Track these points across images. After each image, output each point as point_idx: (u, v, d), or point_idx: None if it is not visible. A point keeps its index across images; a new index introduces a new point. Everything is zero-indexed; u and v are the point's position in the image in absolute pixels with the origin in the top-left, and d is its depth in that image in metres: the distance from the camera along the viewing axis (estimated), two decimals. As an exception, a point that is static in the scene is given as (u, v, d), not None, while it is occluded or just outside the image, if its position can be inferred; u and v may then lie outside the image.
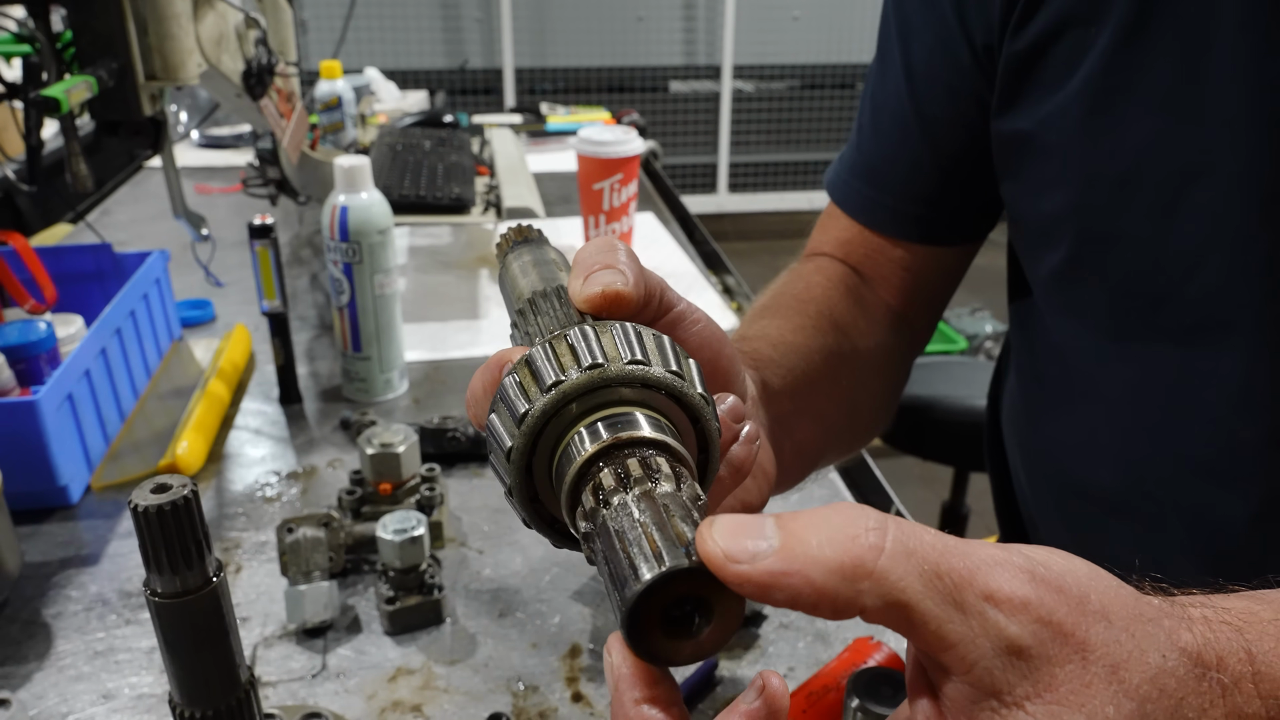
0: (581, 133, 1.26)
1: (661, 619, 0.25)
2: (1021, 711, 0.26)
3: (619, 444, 0.28)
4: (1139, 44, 0.50)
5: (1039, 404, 0.67)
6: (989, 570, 0.26)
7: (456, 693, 0.64)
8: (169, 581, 0.38)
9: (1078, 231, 0.55)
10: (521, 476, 0.30)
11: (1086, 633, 0.27)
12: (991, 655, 0.26)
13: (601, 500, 0.27)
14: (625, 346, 0.30)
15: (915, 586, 0.25)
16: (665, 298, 0.36)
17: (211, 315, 1.20)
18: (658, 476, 0.27)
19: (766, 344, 0.55)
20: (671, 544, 0.25)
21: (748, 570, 0.25)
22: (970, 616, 0.26)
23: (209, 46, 0.97)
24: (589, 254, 0.34)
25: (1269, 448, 0.52)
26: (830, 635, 0.68)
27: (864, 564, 0.25)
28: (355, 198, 0.92)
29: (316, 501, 0.84)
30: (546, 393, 0.29)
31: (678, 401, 0.30)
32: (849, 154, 0.70)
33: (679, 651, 0.26)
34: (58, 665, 0.66)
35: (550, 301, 0.36)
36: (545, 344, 0.30)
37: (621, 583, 0.25)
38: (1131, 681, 0.27)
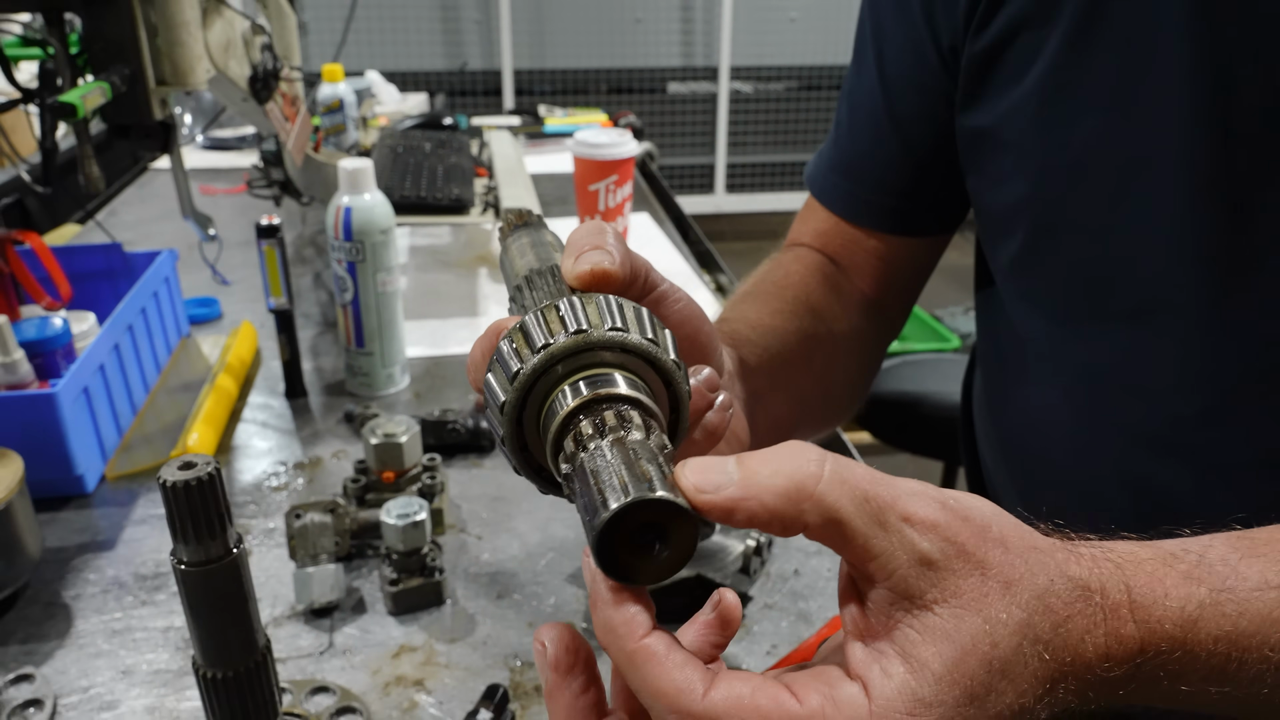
0: (578, 135, 1.30)
1: (627, 545, 0.29)
2: (930, 612, 0.31)
3: (598, 399, 0.32)
4: (1085, 46, 0.54)
5: (1000, 387, 0.71)
6: (908, 498, 0.31)
7: (456, 668, 0.67)
8: (194, 551, 0.41)
9: (1032, 221, 0.59)
10: (513, 427, 0.34)
11: (985, 554, 0.31)
12: (907, 565, 0.30)
13: (580, 445, 0.31)
14: (607, 315, 0.34)
15: (848, 507, 0.30)
16: (650, 278, 0.40)
17: (218, 313, 1.23)
18: (630, 426, 0.31)
19: (745, 325, 0.59)
20: (637, 480, 0.29)
21: (713, 499, 0.30)
22: (891, 533, 0.30)
23: (217, 52, 1.00)
24: (580, 236, 0.38)
25: (1206, 423, 0.56)
26: (812, 615, 0.72)
27: (805, 488, 0.30)
28: (359, 199, 0.96)
29: (322, 490, 0.87)
30: (536, 354, 0.33)
31: (652, 365, 0.34)
32: (827, 150, 0.74)
33: (642, 571, 0.30)
34: (78, 643, 0.69)
35: (545, 278, 0.40)
36: (537, 312, 0.34)
37: (593, 512, 0.29)
38: (1022, 597, 0.31)
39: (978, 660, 0.30)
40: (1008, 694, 0.31)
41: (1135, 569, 0.35)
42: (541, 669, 0.34)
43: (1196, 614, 0.34)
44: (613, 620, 0.30)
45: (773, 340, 0.59)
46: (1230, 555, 0.36)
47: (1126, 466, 0.60)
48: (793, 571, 0.76)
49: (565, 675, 0.33)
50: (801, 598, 0.74)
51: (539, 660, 0.34)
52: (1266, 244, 0.52)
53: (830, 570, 0.76)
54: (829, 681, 0.31)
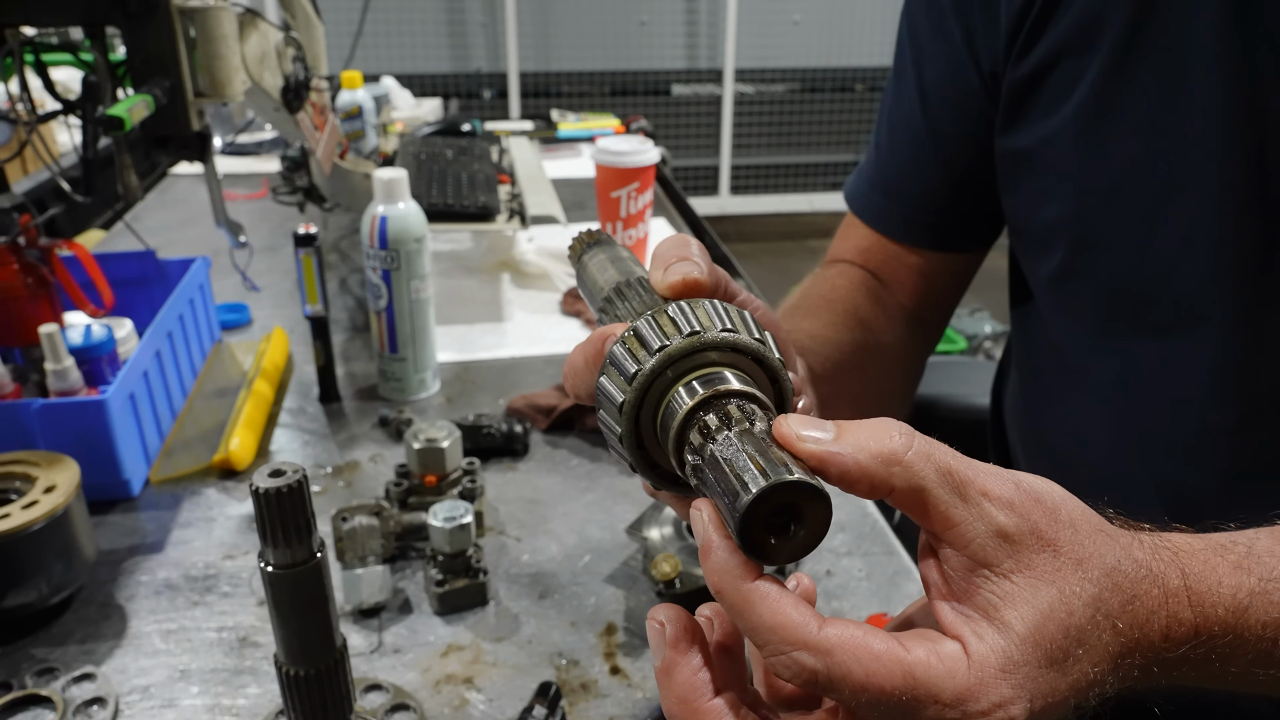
0: (600, 143, 1.32)
1: (764, 526, 0.31)
2: (1008, 581, 0.33)
3: (718, 395, 0.34)
4: (1124, 74, 0.56)
5: (1037, 396, 0.73)
6: (986, 476, 0.34)
7: (504, 666, 0.69)
8: (282, 554, 0.43)
9: (1071, 239, 0.62)
10: (632, 426, 0.36)
11: (1056, 535, 0.34)
12: (985, 535, 0.33)
13: (709, 437, 0.33)
14: (717, 318, 0.36)
15: (931, 477, 0.32)
16: (730, 287, 0.42)
17: (248, 318, 1.25)
18: (753, 418, 0.34)
19: (805, 336, 0.62)
20: (773, 464, 0.31)
21: (814, 448, 0.32)
22: (970, 505, 0.33)
23: (252, 65, 1.03)
24: (667, 249, 0.41)
25: (1235, 431, 0.59)
26: (845, 614, 0.74)
27: (896, 454, 0.32)
28: (393, 208, 0.98)
29: (361, 493, 0.89)
30: (653, 355, 0.35)
31: (759, 364, 0.36)
32: (867, 168, 0.76)
33: (778, 550, 0.32)
34: (134, 644, 0.71)
35: (635, 290, 0.42)
36: (650, 317, 0.36)
37: (733, 496, 0.31)
38: (1093, 573, 0.34)
39: (1056, 626, 0.32)
40: (1084, 661, 0.33)
41: (1190, 557, 0.37)
42: (657, 647, 0.36)
43: (1247, 601, 0.37)
44: (729, 563, 0.32)
45: (832, 351, 0.62)
46: (1276, 547, 0.39)
47: (1161, 474, 0.63)
48: (825, 572, 0.79)
49: (685, 653, 0.35)
50: (835, 597, 0.76)
51: (655, 638, 0.36)
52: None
53: (862, 570, 0.79)
54: (931, 638, 0.33)
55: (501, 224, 1.25)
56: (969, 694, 0.31)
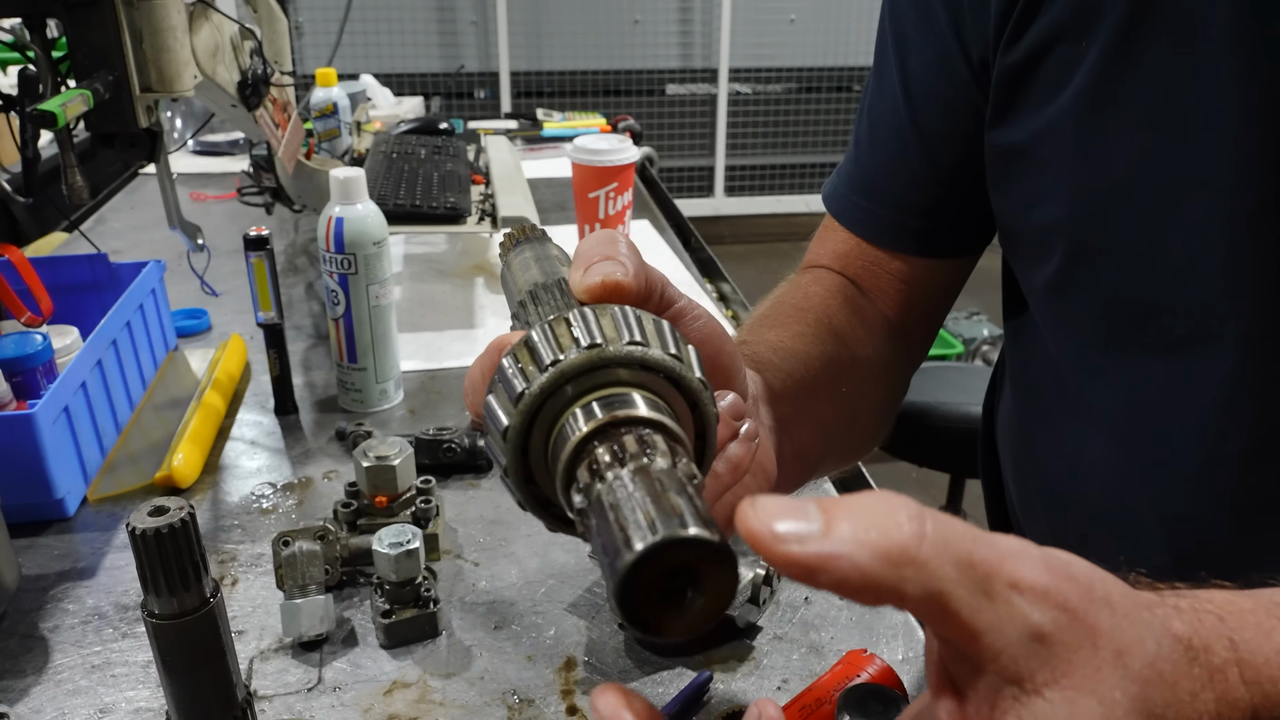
0: (576, 141, 1.26)
1: (654, 591, 0.25)
2: (1040, 698, 0.26)
3: (615, 422, 0.28)
4: (1128, 60, 0.50)
5: (1033, 417, 0.67)
6: (1014, 560, 0.27)
7: (452, 706, 0.64)
8: (166, 603, 0.38)
9: (1069, 244, 0.56)
10: (518, 457, 0.30)
11: (1096, 618, 0.27)
12: (1016, 643, 0.26)
13: (596, 475, 0.27)
14: (625, 328, 0.30)
15: (951, 575, 0.26)
16: (666, 293, 0.36)
17: (207, 325, 1.20)
18: (653, 453, 0.27)
19: (767, 348, 0.55)
20: (666, 515, 0.25)
21: (797, 551, 0.25)
22: (998, 604, 0.26)
23: (204, 58, 0.97)
24: (590, 246, 0.35)
25: (1250, 458, 0.53)
26: (824, 647, 0.69)
27: (908, 551, 0.25)
28: (350, 209, 0.92)
29: (312, 513, 0.84)
30: (544, 371, 0.29)
31: (675, 385, 0.31)
32: (846, 168, 0.71)
33: (670, 623, 0.26)
34: (55, 679, 0.66)
35: (551, 293, 0.36)
36: (544, 324, 0.30)
37: (614, 553, 0.25)
38: (1134, 666, 0.28)
39: None
40: None
41: (1239, 621, 0.31)
42: None
43: None
44: None
45: (797, 365, 0.56)
46: None
47: (1166, 505, 0.57)
48: (803, 600, 0.73)
49: None
50: (813, 628, 0.70)
51: None
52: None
53: (842, 600, 0.73)
54: None
55: (471, 226, 1.20)
56: None
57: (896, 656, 0.68)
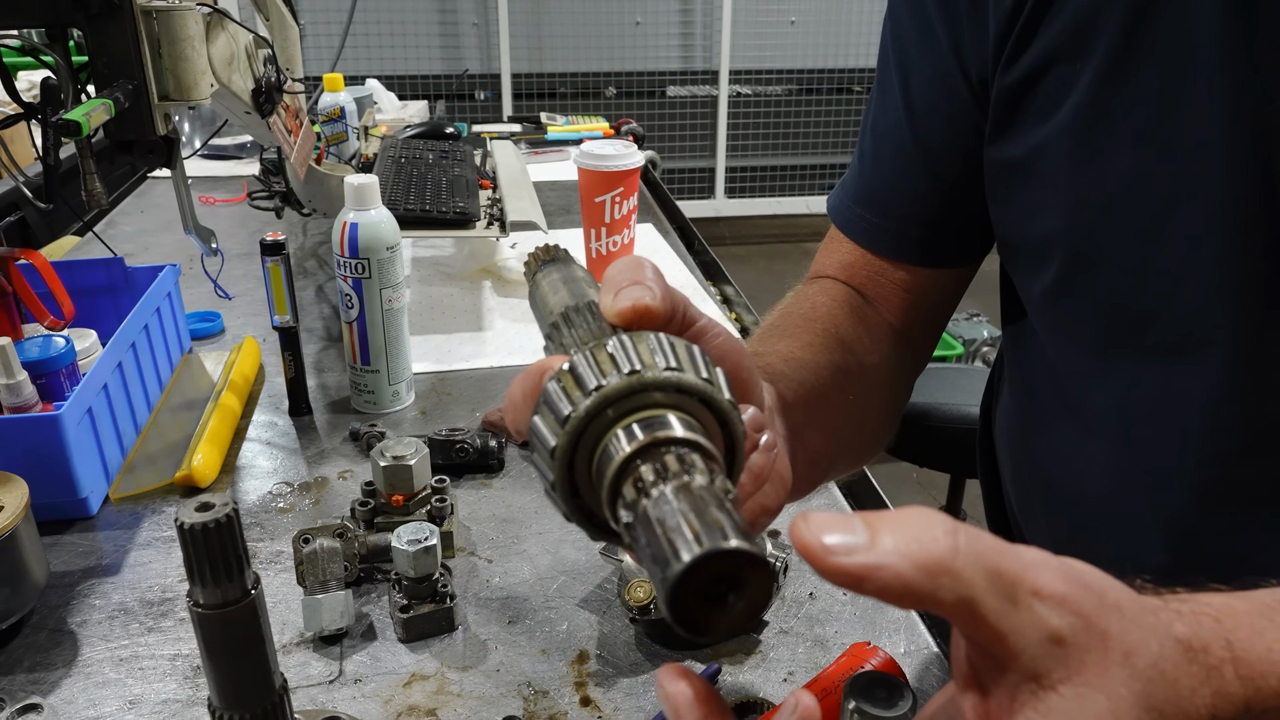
0: (583, 147, 1.29)
1: (699, 596, 0.28)
2: (1055, 693, 0.29)
3: (656, 442, 0.31)
4: (1121, 80, 0.52)
5: (1030, 419, 0.70)
6: (1036, 570, 0.30)
7: (469, 697, 0.66)
8: (211, 594, 0.40)
9: (1066, 254, 0.58)
10: (565, 473, 0.33)
11: (1107, 623, 0.30)
12: (1036, 644, 0.29)
13: (642, 491, 0.30)
14: (660, 355, 0.33)
15: (981, 584, 0.28)
16: (688, 313, 0.39)
17: (220, 328, 1.22)
18: (693, 471, 0.30)
19: (778, 359, 0.58)
20: (709, 529, 0.27)
21: (845, 562, 0.28)
22: (1021, 610, 0.29)
23: (220, 67, 0.99)
24: (618, 271, 0.37)
25: (1239, 459, 0.56)
26: (829, 641, 0.71)
27: (944, 562, 0.28)
28: (364, 214, 0.95)
29: (328, 512, 0.86)
30: (588, 396, 0.32)
31: (707, 406, 0.33)
32: (851, 180, 0.73)
33: (715, 624, 0.28)
34: (84, 672, 0.68)
35: (583, 315, 0.38)
36: (587, 351, 0.33)
37: (664, 563, 0.27)
38: (1139, 665, 0.30)
39: None
40: None
41: (1234, 622, 0.34)
42: None
43: None
44: None
45: (807, 375, 0.58)
46: None
47: (1161, 503, 0.59)
48: (808, 595, 0.75)
49: None
50: (818, 623, 0.73)
51: None
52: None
53: (846, 595, 0.75)
54: None
55: (480, 231, 1.22)
56: None
57: (899, 650, 0.70)
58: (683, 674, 0.31)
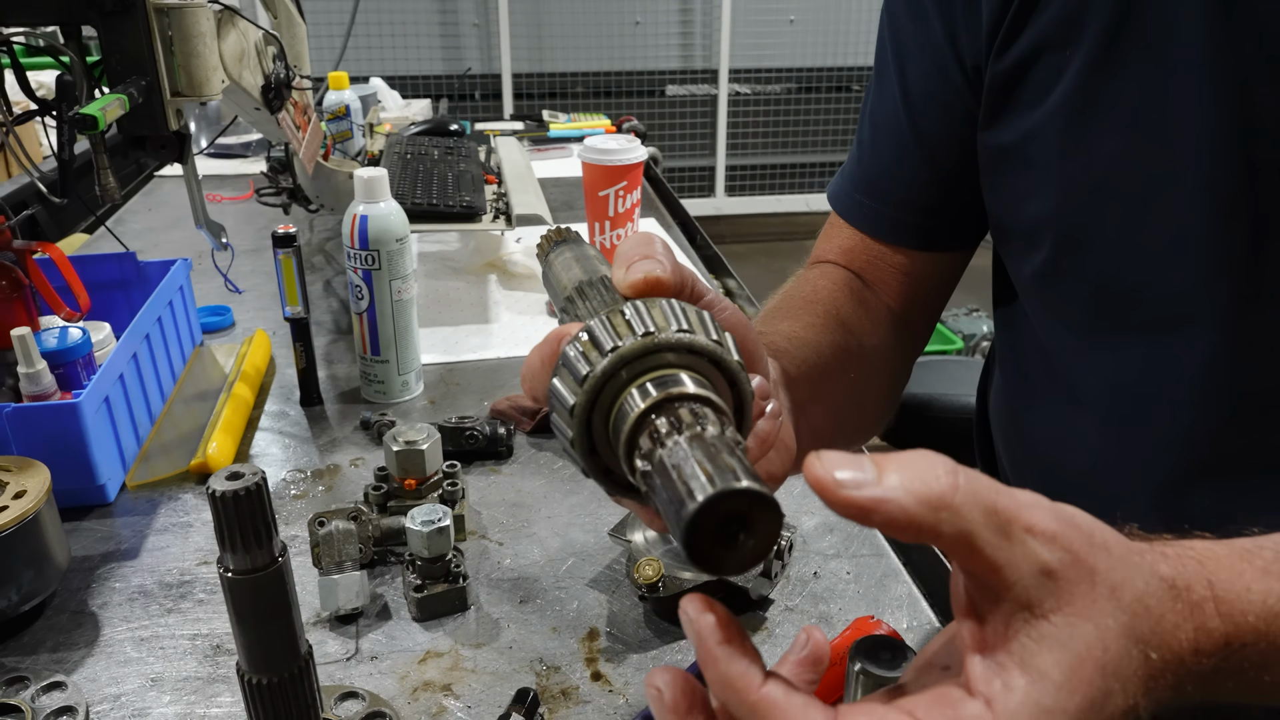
0: (587, 141, 1.30)
1: (712, 536, 0.29)
2: (1046, 623, 0.31)
3: (670, 398, 0.33)
4: (1107, 68, 0.54)
5: (1023, 398, 0.71)
6: (1029, 509, 0.32)
7: (483, 673, 0.68)
8: (241, 560, 0.42)
9: (1056, 236, 0.60)
10: (583, 430, 0.35)
11: (1095, 560, 0.32)
12: (1029, 576, 0.31)
13: (657, 442, 0.32)
14: (673, 318, 0.35)
15: (978, 519, 0.30)
16: (696, 287, 0.41)
17: (230, 321, 1.24)
18: (705, 422, 0.32)
19: (781, 338, 0.60)
20: (722, 471, 0.29)
21: (855, 495, 0.30)
22: (1015, 544, 0.31)
23: (231, 63, 1.01)
24: (630, 246, 0.39)
25: (1226, 434, 0.58)
26: (833, 617, 0.73)
27: (945, 498, 0.30)
28: (374, 207, 0.96)
29: (341, 498, 0.88)
30: (605, 356, 0.34)
31: (717, 366, 0.35)
32: (850, 168, 0.75)
33: (727, 561, 0.30)
34: (106, 651, 0.70)
35: (597, 289, 0.40)
36: (604, 317, 0.35)
37: (680, 504, 0.29)
38: (1125, 600, 0.33)
39: (1093, 666, 0.31)
40: (1118, 695, 0.32)
41: (1216, 564, 0.36)
42: (659, 713, 0.34)
43: (1277, 606, 0.36)
44: (730, 675, 0.31)
45: (809, 353, 0.60)
46: None
47: (1149, 476, 0.61)
48: (812, 574, 0.77)
49: (685, 715, 0.33)
50: (822, 600, 0.74)
51: (655, 705, 0.34)
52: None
53: (850, 573, 0.77)
54: (952, 702, 0.31)
55: (487, 224, 1.24)
56: None
57: (901, 625, 0.72)
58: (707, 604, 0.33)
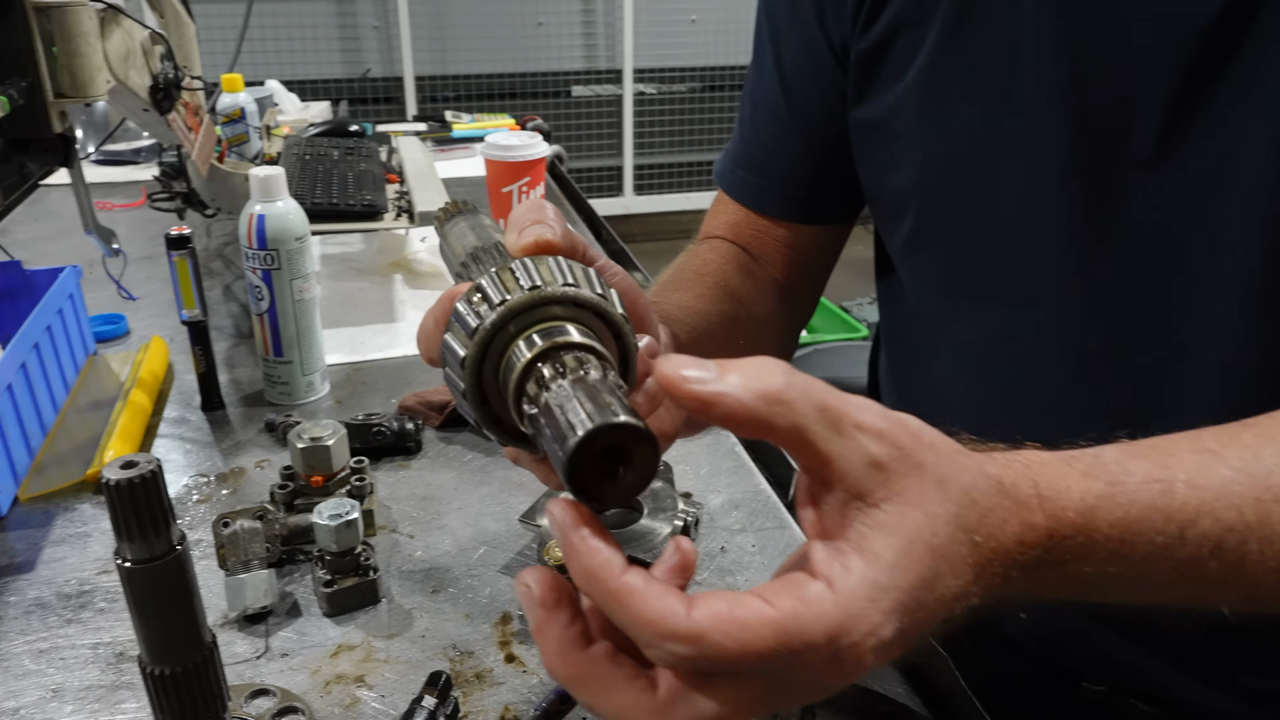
0: (489, 138, 1.31)
1: (594, 469, 0.31)
2: (879, 510, 0.34)
3: (556, 347, 0.35)
4: (958, 43, 0.59)
5: (903, 361, 0.76)
6: (858, 408, 0.35)
7: (397, 663, 0.68)
8: (139, 549, 0.42)
9: (919, 205, 0.64)
10: (475, 381, 0.36)
11: (921, 456, 0.35)
12: (859, 467, 0.34)
13: (543, 386, 0.34)
14: (560, 273, 0.36)
15: (810, 413, 0.33)
16: (588, 253, 0.43)
17: (125, 329, 1.21)
18: (588, 367, 0.34)
19: (673, 307, 0.62)
20: (601, 409, 0.31)
21: (698, 389, 0.32)
22: (845, 438, 0.34)
23: (117, 63, 0.99)
24: (521, 213, 0.41)
25: (1074, 383, 0.62)
26: (740, 588, 0.75)
27: (779, 393, 0.33)
28: (271, 206, 0.95)
29: (247, 500, 0.87)
30: (494, 310, 0.35)
31: (602, 319, 0.37)
32: (734, 146, 0.78)
33: (608, 493, 0.32)
34: (2, 665, 0.68)
35: (490, 253, 0.42)
36: (493, 273, 0.36)
37: (562, 440, 0.31)
38: (952, 493, 0.35)
39: (922, 547, 0.34)
40: (948, 578, 0.35)
41: (1040, 467, 0.39)
42: (529, 608, 0.35)
43: (1094, 504, 0.39)
44: (591, 565, 0.32)
45: (700, 321, 0.63)
46: (1120, 456, 0.41)
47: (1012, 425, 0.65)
48: (719, 549, 0.80)
49: (553, 609, 0.35)
50: (729, 573, 0.77)
51: (525, 600, 0.36)
52: (1123, 222, 0.57)
53: (755, 545, 0.80)
54: (796, 584, 0.33)
55: (390, 222, 1.23)
56: (839, 630, 0.32)
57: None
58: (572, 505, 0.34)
